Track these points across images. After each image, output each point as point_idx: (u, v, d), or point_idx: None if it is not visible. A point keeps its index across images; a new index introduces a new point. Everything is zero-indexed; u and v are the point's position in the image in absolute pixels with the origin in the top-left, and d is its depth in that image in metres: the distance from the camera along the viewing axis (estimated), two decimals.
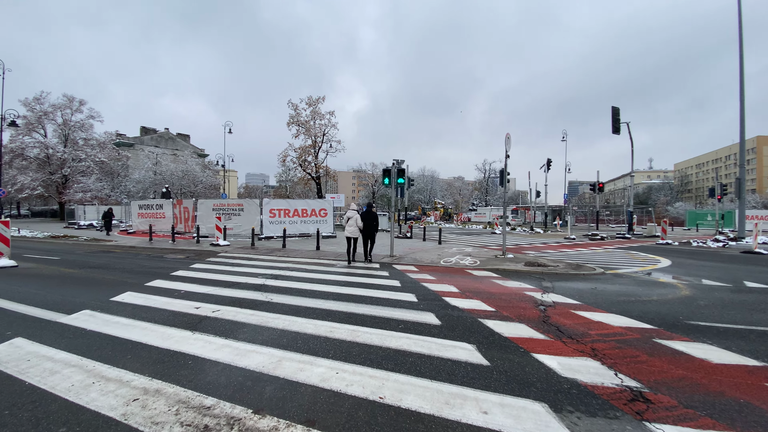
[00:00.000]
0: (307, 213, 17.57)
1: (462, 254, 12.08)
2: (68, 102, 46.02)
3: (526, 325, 4.80)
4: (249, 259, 11.12)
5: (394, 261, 10.67)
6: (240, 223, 17.17)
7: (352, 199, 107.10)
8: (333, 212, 18.23)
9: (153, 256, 12.04)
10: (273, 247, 13.69)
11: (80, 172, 44.88)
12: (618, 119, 20.13)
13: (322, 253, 12.15)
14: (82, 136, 47.18)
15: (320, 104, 44.37)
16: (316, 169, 45.14)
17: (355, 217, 10.68)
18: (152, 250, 13.74)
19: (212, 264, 9.99)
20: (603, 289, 7.32)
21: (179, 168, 53.03)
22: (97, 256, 11.83)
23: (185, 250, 13.39)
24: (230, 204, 17.41)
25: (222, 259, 11.08)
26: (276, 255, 11.89)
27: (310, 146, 44.97)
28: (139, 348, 3.91)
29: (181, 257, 11.61)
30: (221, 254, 12.08)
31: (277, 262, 10.41)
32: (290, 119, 44.68)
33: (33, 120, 43.21)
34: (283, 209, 17.31)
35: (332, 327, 4.58)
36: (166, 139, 74.66)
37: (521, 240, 19.74)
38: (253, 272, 8.72)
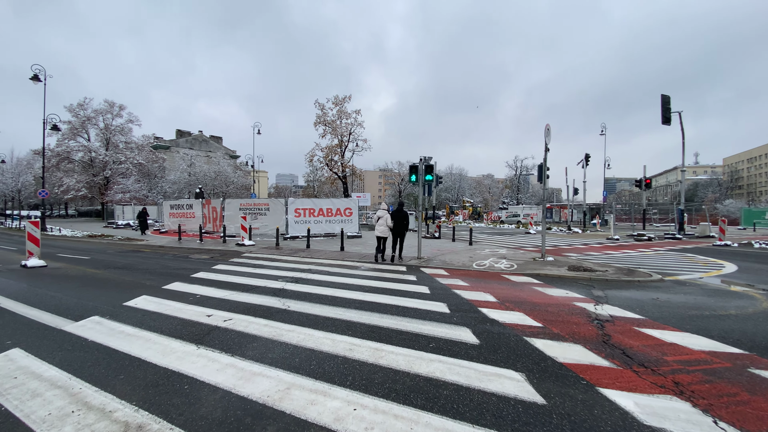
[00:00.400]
0: (332, 212, 17.17)
1: (496, 256, 11.19)
2: (109, 107, 48.41)
3: (582, 347, 4.00)
4: (271, 260, 10.78)
5: (422, 263, 9.97)
6: (266, 222, 17.03)
7: (379, 198, 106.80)
8: (358, 211, 17.75)
9: (179, 256, 11.97)
10: (297, 248, 13.34)
11: (120, 174, 47.10)
12: (668, 108, 18.37)
13: (346, 254, 11.64)
14: (122, 140, 49.53)
15: (346, 103, 44.23)
16: (342, 168, 45.07)
17: (385, 217, 10.46)
18: (179, 250, 13.76)
19: (234, 265, 9.70)
20: (667, 300, 6.30)
21: (212, 169, 54.73)
22: (125, 256, 11.91)
23: (211, 250, 13.30)
24: (256, 203, 17.31)
25: (245, 260, 10.81)
26: (299, 256, 11.50)
27: (336, 146, 44.96)
28: (136, 365, 3.47)
29: (206, 257, 11.46)
30: (245, 254, 11.84)
31: (299, 264, 9.99)
32: (317, 119, 44.85)
33: (77, 125, 45.76)
34: (308, 209, 17.00)
35: (352, 344, 3.98)
36: (200, 141, 77.27)
37: (559, 240, 18.43)
38: (274, 275, 8.31)
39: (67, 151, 45.31)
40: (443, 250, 12.85)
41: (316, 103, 43.70)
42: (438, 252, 12.38)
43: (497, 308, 5.52)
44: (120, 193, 44.50)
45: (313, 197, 53.95)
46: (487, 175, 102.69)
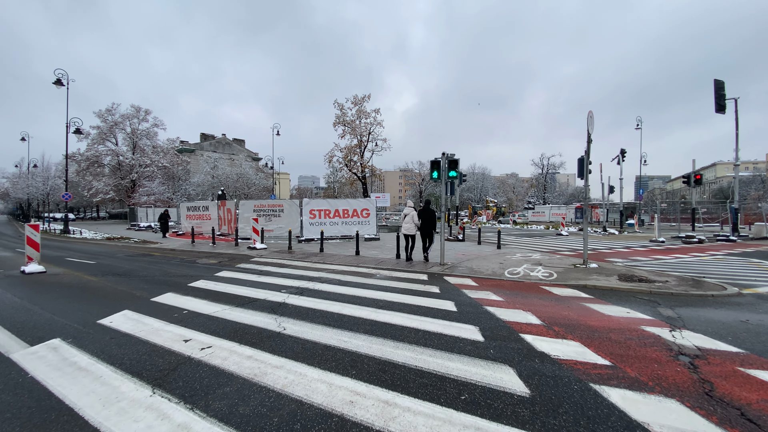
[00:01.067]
0: (348, 213, 16.26)
1: (530, 263, 9.91)
2: (135, 112, 49.62)
3: (680, 403, 2.81)
4: (280, 265, 9.94)
5: (446, 271, 8.84)
6: (281, 224, 16.32)
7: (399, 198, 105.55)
8: (376, 212, 16.78)
9: (186, 260, 11.34)
10: (310, 251, 12.47)
11: (146, 177, 48.13)
12: (723, 95, 16.39)
13: (361, 259, 10.65)
14: (147, 143, 50.68)
15: (365, 103, 43.50)
16: (361, 168, 44.35)
17: (411, 215, 10.19)
18: (189, 253, 13.18)
19: (239, 272, 8.90)
20: (761, 322, 4.94)
21: (234, 171, 55.50)
22: (132, 260, 11.38)
23: (220, 254, 12.64)
24: (270, 205, 16.64)
25: (252, 265, 10.01)
26: (311, 261, 10.60)
27: (355, 146, 44.31)
28: (62, 422, 2.56)
29: (213, 262, 10.75)
30: (254, 259, 11.07)
31: (308, 270, 9.08)
32: (336, 119, 44.35)
33: (105, 129, 47.10)
34: (324, 210, 16.16)
35: (355, 392, 2.94)
36: (223, 144, 78.69)
37: (597, 243, 16.79)
38: (279, 284, 7.41)
39: (96, 155, 46.67)
40: (469, 255, 11.65)
41: (335, 103, 43.19)
42: (463, 257, 11.19)
43: (544, 335, 4.35)
44: (145, 195, 45.44)
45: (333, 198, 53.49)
46: (511, 174, 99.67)
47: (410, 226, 10.13)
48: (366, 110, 42.81)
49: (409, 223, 10.14)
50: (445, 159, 9.35)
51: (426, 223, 10.12)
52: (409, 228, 10.14)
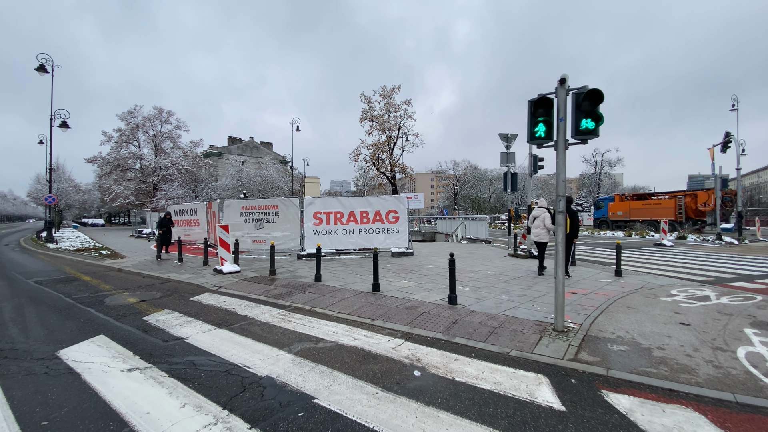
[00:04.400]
0: (369, 217, 11.42)
1: (722, 313, 4.56)
2: (158, 113, 47.88)
3: None
4: (229, 318, 5.25)
5: (589, 358, 3.69)
6: (276, 232, 11.78)
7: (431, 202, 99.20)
8: (408, 216, 11.82)
9: (94, 296, 6.97)
10: (300, 281, 7.71)
11: (165, 180, 46.11)
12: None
13: (382, 304, 5.71)
14: (169, 146, 48.84)
15: (395, 95, 38.79)
16: (390, 167, 39.57)
17: (542, 217, 8.29)
18: (125, 279, 8.89)
19: (128, 343, 4.28)
20: None
21: (258, 174, 53.00)
22: (28, 292, 7.16)
23: (166, 281, 8.23)
24: (262, 206, 12.13)
25: (180, 317, 5.39)
26: (287, 308, 5.84)
27: (384, 143, 39.69)
28: None
29: (131, 301, 6.29)
30: (199, 297, 6.50)
31: (267, 342, 4.28)
32: (362, 114, 40.02)
33: (127, 132, 45.53)
34: (334, 212, 11.42)
35: None
36: (251, 147, 77.21)
37: (735, 260, 10.80)
38: (182, 394, 2.66)
39: (117, 159, 45.18)
40: (586, 293, 6.40)
41: (361, 96, 38.91)
42: (583, 300, 5.95)
43: None
44: (163, 199, 43.26)
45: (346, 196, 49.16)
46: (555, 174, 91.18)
47: (541, 232, 8.30)
48: (395, 103, 38.21)
49: (540, 227, 8.30)
50: (568, 90, 4.20)
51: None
52: (540, 234, 8.34)
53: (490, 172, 76.44)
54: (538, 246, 8.52)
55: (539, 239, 8.37)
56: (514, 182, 14.38)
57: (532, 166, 11.50)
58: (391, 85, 37.93)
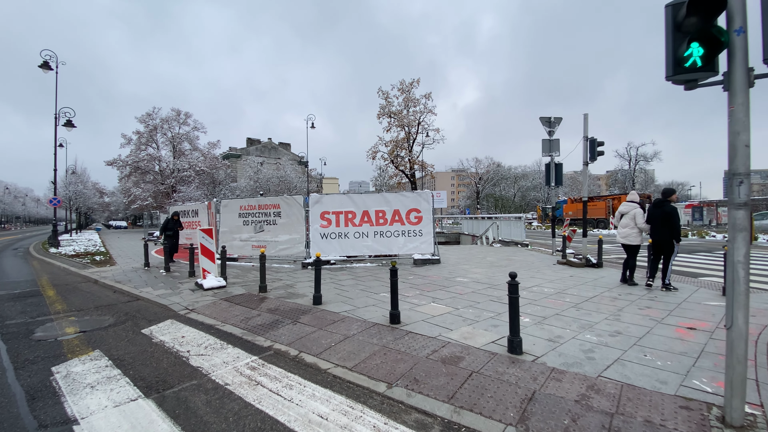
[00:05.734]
0: (386, 218, 9.53)
1: None
2: (176, 115, 47.75)
3: None
4: (162, 384, 3.48)
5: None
6: (278, 236, 10.09)
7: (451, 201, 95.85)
8: (433, 215, 9.83)
9: (41, 319, 5.43)
10: (296, 304, 5.89)
11: (182, 182, 45.81)
12: None
13: (401, 352, 3.79)
14: (187, 148, 48.60)
15: (414, 89, 36.82)
16: (410, 164, 37.60)
17: (632, 213, 6.57)
18: (97, 292, 7.39)
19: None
20: None
21: (276, 174, 52.38)
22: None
23: (132, 299, 6.62)
24: (262, 205, 10.45)
25: (100, 367, 3.69)
26: (272, 347, 4.04)
27: (402, 139, 37.79)
28: None
29: (67, 332, 4.68)
30: (151, 330, 4.80)
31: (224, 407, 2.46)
32: (380, 110, 38.22)
33: (146, 134, 45.47)
34: (344, 212, 9.60)
35: None
36: (269, 148, 77.10)
37: None
38: None
39: (136, 161, 45.17)
40: (719, 332, 4.29)
41: (379, 91, 37.14)
42: (721, 345, 3.86)
43: None
44: (180, 200, 42.82)
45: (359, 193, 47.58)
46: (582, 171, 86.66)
47: (630, 233, 6.61)
48: (415, 97, 36.23)
49: (629, 226, 6.64)
50: None
51: (660, 229, 6.25)
52: (629, 235, 6.64)
53: (514, 169, 73.15)
54: (627, 250, 6.76)
55: (628, 241, 6.65)
56: (559, 174, 12.21)
57: (588, 151, 9.30)
58: (410, 79, 35.98)
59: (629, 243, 6.63)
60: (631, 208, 6.69)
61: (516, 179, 70.64)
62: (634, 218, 6.57)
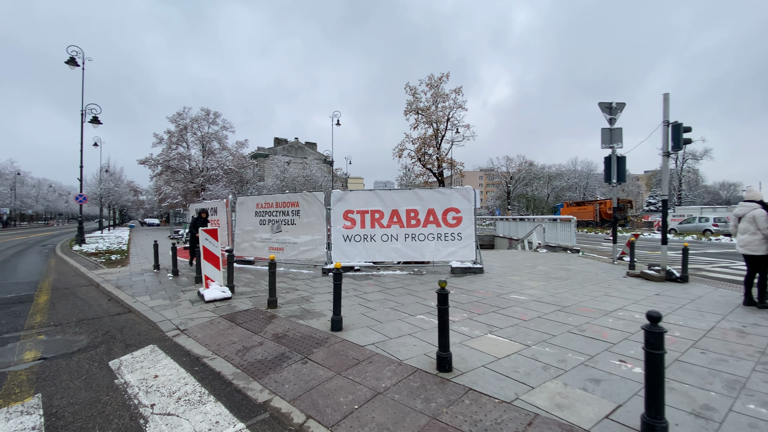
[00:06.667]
0: (419, 218, 8.19)
1: None
2: (205, 115, 48.43)
3: None
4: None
5: None
6: (298, 237, 8.98)
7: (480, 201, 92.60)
8: (476, 216, 8.33)
9: (6, 337, 4.47)
10: (308, 327, 4.67)
11: (211, 180, 46.30)
12: None
13: (459, 428, 2.47)
14: (216, 147, 49.16)
15: (443, 83, 35.15)
16: (438, 163, 35.98)
17: (751, 215, 5.16)
18: (91, 299, 6.50)
19: None
20: None
21: (302, 174, 52.31)
22: None
23: (123, 311, 5.64)
24: (279, 203, 9.38)
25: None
26: (268, 402, 2.80)
27: (430, 136, 36.22)
28: None
29: (25, 359, 3.66)
30: (120, 363, 3.69)
31: None
32: (407, 106, 36.78)
33: (176, 134, 46.29)
34: (371, 211, 8.34)
35: None
36: (295, 148, 77.51)
37: None
38: None
39: (167, 160, 46.06)
40: None
41: (406, 87, 35.72)
42: None
43: None
44: (208, 199, 43.20)
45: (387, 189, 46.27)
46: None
47: (751, 239, 5.08)
48: (444, 92, 34.57)
49: (749, 232, 5.11)
50: None
51: None
52: (749, 242, 5.11)
53: (548, 168, 69.61)
54: (750, 262, 5.28)
55: (750, 251, 5.19)
56: (622, 169, 10.46)
57: (670, 139, 7.54)
58: (439, 74, 34.36)
59: (752, 253, 5.16)
60: (750, 208, 5.27)
61: (550, 179, 67.19)
62: (754, 221, 5.13)
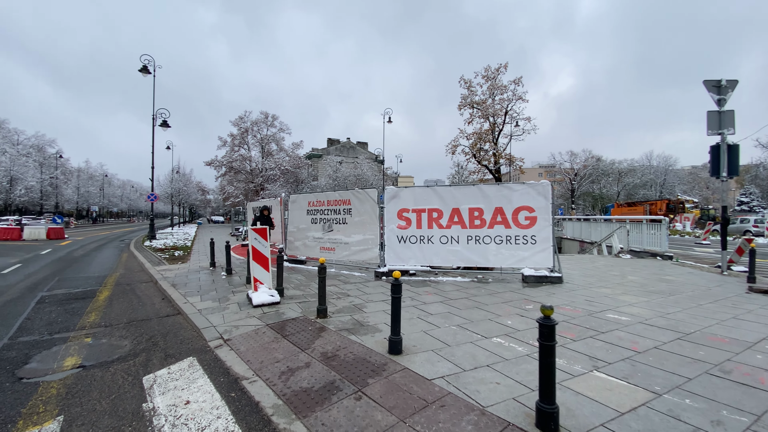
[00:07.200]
0: (484, 218, 7.20)
1: None
2: (264, 118, 50.86)
3: None
4: None
5: None
6: (350, 236, 8.46)
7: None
8: (553, 216, 7.10)
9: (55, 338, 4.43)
10: (362, 348, 4.00)
11: (269, 180, 48.44)
12: None
13: None
14: (274, 148, 51.44)
15: (501, 74, 33.03)
16: (495, 159, 33.98)
17: None
18: (146, 298, 6.45)
19: None
20: None
21: (353, 173, 52.94)
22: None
23: (171, 313, 5.42)
24: (331, 201, 8.93)
25: None
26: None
27: (487, 131, 34.25)
28: None
29: (65, 367, 3.45)
30: (153, 379, 3.28)
31: None
32: (461, 101, 35.15)
33: (239, 137, 49.11)
34: (428, 210, 7.53)
35: None
36: (347, 148, 78.82)
37: None
38: None
39: (230, 161, 49.05)
40: None
41: (460, 80, 34.12)
42: None
43: None
44: (266, 197, 45.23)
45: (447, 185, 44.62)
46: (704, 166, 71.79)
47: None
48: (502, 83, 32.48)
49: None
50: None
51: None
52: None
53: (617, 163, 63.27)
54: None
55: None
56: (734, 160, 8.58)
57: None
58: (496, 64, 32.32)
59: None
60: None
61: (620, 175, 61.00)
62: None
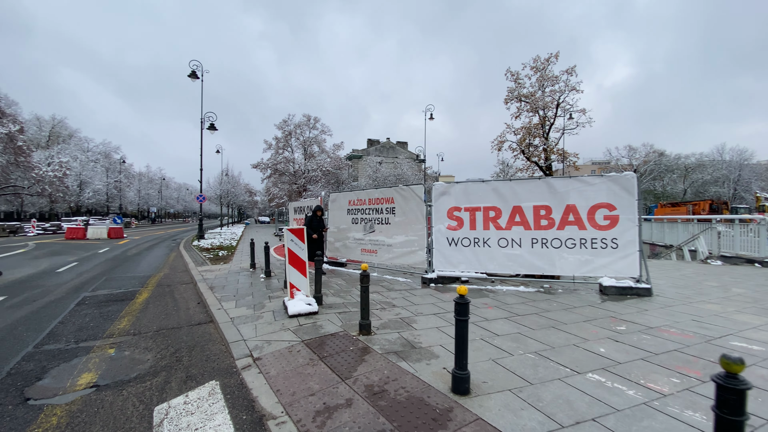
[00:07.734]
0: (552, 218, 6.14)
1: None
2: (306, 120, 51.86)
3: None
4: None
5: None
6: (393, 237, 7.74)
7: None
8: (639, 213, 5.87)
9: (81, 346, 4.11)
10: (414, 379, 3.22)
11: (311, 181, 49.26)
12: None
13: None
14: (316, 150, 52.31)
15: (552, 65, 30.60)
16: (546, 155, 31.62)
17: None
18: (182, 301, 6.14)
19: None
20: None
21: (393, 173, 52.48)
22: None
23: (203, 321, 4.98)
24: (372, 199, 8.25)
25: None
26: None
27: (536, 125, 31.95)
28: None
29: (80, 383, 3.02)
30: (163, 410, 2.73)
31: None
32: (508, 94, 33.00)
33: (282, 139, 50.45)
34: (483, 208, 6.60)
35: None
36: (387, 148, 78.57)
37: None
38: None
39: (275, 163, 50.52)
40: None
41: (507, 73, 32.03)
42: None
43: None
44: (308, 198, 45.99)
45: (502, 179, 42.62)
46: None
47: None
48: (552, 74, 30.13)
49: None
50: None
51: None
52: None
53: (683, 158, 57.19)
54: None
55: None
56: None
57: None
58: (546, 54, 30.06)
59: None
60: None
61: (687, 171, 55.08)
62: None
